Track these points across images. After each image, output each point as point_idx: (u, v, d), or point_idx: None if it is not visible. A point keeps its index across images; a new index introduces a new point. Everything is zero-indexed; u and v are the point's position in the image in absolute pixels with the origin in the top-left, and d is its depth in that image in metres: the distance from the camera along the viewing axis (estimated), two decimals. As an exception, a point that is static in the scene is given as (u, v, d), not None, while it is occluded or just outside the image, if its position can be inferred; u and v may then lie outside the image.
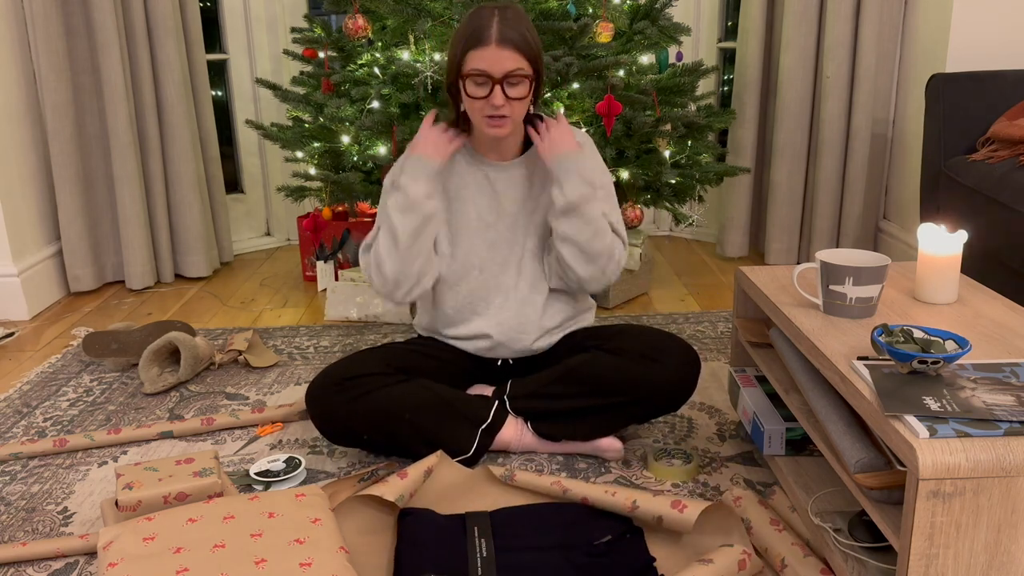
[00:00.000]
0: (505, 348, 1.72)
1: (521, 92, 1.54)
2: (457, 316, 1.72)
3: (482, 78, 1.52)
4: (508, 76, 1.51)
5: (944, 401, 1.06)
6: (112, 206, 2.84)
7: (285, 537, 1.23)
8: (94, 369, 2.19)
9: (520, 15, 1.55)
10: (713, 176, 2.55)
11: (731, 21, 3.22)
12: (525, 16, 1.56)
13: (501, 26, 1.51)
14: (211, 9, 3.15)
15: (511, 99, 1.53)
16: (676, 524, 1.33)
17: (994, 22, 2.49)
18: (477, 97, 1.54)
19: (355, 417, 1.57)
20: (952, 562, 1.02)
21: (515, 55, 1.51)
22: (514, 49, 1.51)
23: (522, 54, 1.52)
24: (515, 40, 1.51)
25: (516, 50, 1.51)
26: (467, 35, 1.53)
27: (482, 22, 1.52)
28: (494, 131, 1.57)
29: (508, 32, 1.50)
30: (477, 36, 1.51)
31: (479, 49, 1.51)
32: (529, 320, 1.71)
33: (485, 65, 1.51)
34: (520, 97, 1.54)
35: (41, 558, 1.40)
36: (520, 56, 1.51)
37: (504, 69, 1.51)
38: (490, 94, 1.52)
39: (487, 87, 1.52)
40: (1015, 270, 1.93)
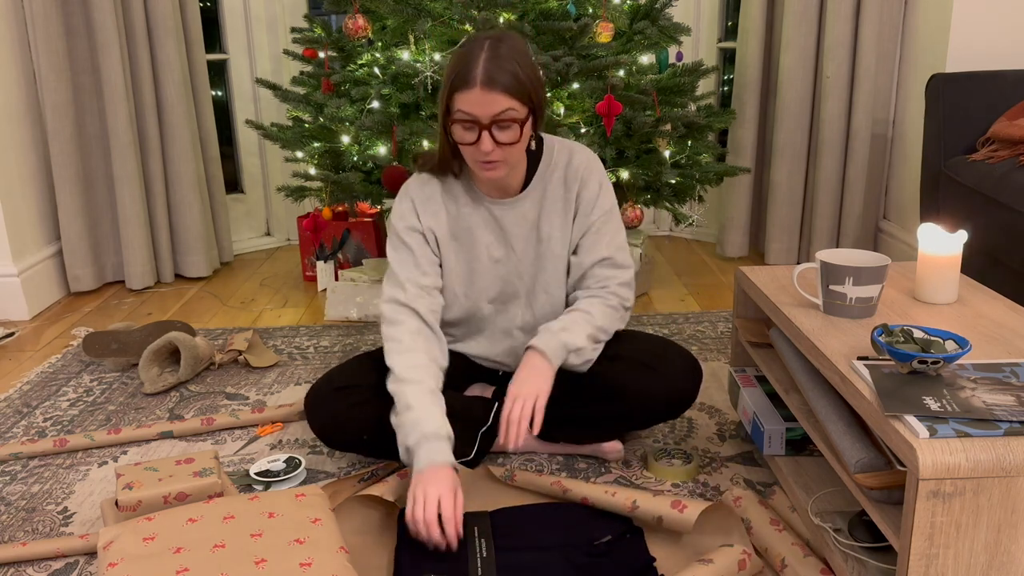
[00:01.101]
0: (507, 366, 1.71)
1: (512, 136, 1.41)
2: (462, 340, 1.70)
3: (469, 122, 1.40)
4: (496, 120, 1.39)
5: (944, 401, 1.06)
6: (112, 206, 2.84)
7: (285, 537, 1.23)
8: (94, 369, 2.19)
9: (514, 47, 1.41)
10: (713, 176, 2.55)
11: (731, 21, 3.22)
12: (520, 47, 1.43)
13: (488, 65, 1.37)
14: (211, 9, 3.15)
15: (501, 144, 1.41)
16: (676, 524, 1.33)
17: (994, 22, 2.49)
18: (465, 143, 1.43)
19: (355, 422, 1.56)
20: (952, 562, 1.02)
21: (503, 97, 1.37)
22: (502, 91, 1.37)
23: (511, 94, 1.38)
24: (503, 81, 1.37)
25: (504, 91, 1.37)
26: (454, 74, 1.40)
27: (469, 61, 1.39)
28: (488, 175, 1.47)
29: (495, 72, 1.37)
30: (463, 76, 1.38)
31: (464, 91, 1.38)
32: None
33: (471, 108, 1.38)
34: (511, 141, 1.42)
35: (41, 558, 1.40)
36: (509, 97, 1.38)
37: (491, 113, 1.38)
38: (478, 140, 1.40)
39: (475, 132, 1.40)
40: (1015, 270, 1.93)
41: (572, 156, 1.58)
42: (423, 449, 1.36)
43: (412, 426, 1.39)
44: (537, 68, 1.45)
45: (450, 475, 1.34)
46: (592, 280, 1.59)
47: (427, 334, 1.52)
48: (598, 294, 1.58)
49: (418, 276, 1.55)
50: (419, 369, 1.46)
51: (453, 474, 1.35)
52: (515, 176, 1.56)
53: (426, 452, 1.35)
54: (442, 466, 1.34)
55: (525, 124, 1.43)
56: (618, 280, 1.59)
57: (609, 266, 1.59)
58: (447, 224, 1.58)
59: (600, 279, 1.59)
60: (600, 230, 1.58)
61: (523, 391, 1.45)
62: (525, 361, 1.49)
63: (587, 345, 1.52)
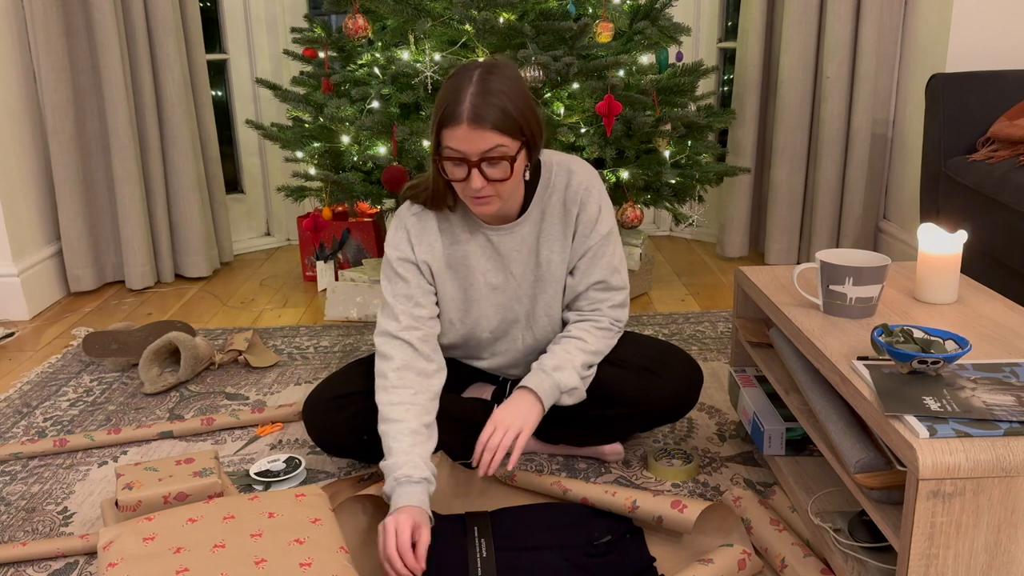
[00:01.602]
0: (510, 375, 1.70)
1: (502, 172, 1.36)
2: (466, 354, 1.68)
3: (458, 160, 1.36)
4: (485, 157, 1.34)
5: (944, 401, 1.06)
6: (112, 206, 2.84)
7: (285, 537, 1.23)
8: (94, 369, 2.19)
9: (504, 78, 1.36)
10: (713, 176, 2.55)
11: (731, 21, 3.22)
12: (511, 77, 1.37)
13: (476, 100, 1.32)
14: (211, 9, 3.15)
15: (492, 180, 1.37)
16: (676, 524, 1.33)
17: (994, 22, 2.49)
18: (456, 180, 1.39)
19: (354, 432, 1.55)
20: (952, 562, 1.02)
21: (491, 134, 1.32)
22: (490, 128, 1.32)
23: (500, 131, 1.33)
24: (491, 117, 1.32)
25: (493, 128, 1.32)
26: (442, 109, 1.35)
27: (457, 94, 1.33)
28: (480, 210, 1.43)
29: (483, 108, 1.31)
30: (450, 112, 1.33)
31: (451, 128, 1.33)
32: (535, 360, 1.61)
33: (459, 145, 1.34)
34: (502, 178, 1.37)
35: (41, 558, 1.40)
36: (498, 134, 1.33)
37: (479, 150, 1.33)
38: (468, 177, 1.36)
39: (464, 168, 1.36)
40: (1015, 270, 1.93)
41: (571, 177, 1.53)
42: (396, 494, 1.33)
43: (389, 471, 1.36)
44: (530, 97, 1.40)
45: (415, 515, 1.30)
46: (586, 302, 1.56)
47: (418, 366, 1.47)
48: (590, 317, 1.55)
49: (411, 307, 1.51)
50: (401, 407, 1.42)
51: (420, 514, 1.31)
52: (512, 204, 1.51)
53: (398, 497, 1.33)
54: (412, 508, 1.31)
55: (516, 159, 1.37)
56: (611, 303, 1.55)
57: (603, 289, 1.55)
58: (442, 255, 1.54)
59: (593, 301, 1.55)
60: (597, 254, 1.54)
61: (506, 421, 1.41)
62: (515, 396, 1.45)
63: (580, 385, 1.49)
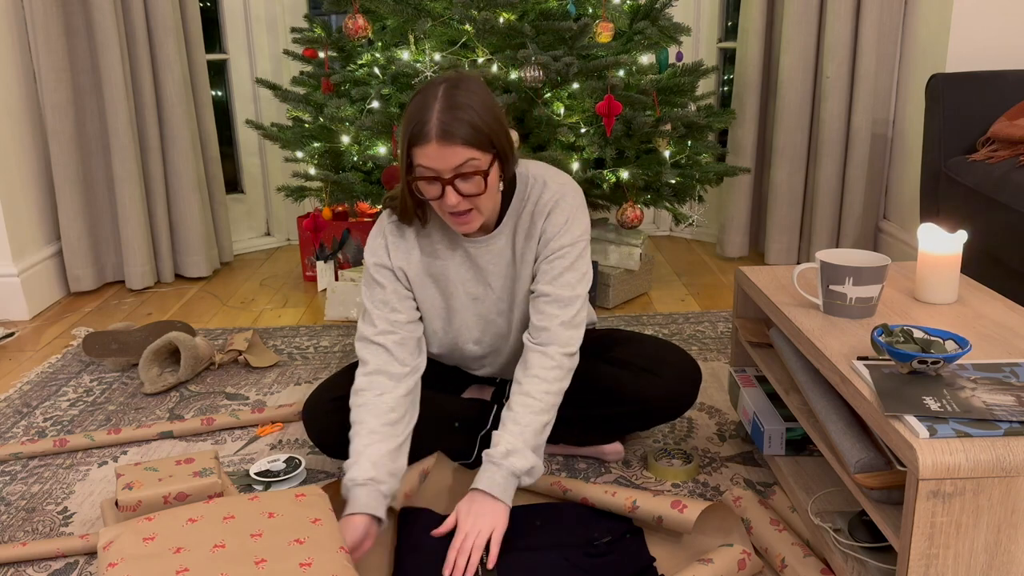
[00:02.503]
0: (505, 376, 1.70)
1: (476, 187, 1.35)
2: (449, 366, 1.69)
3: (431, 178, 1.34)
4: (458, 173, 1.33)
5: (944, 401, 1.06)
6: (112, 206, 2.84)
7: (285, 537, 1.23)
8: (94, 369, 2.19)
9: (470, 92, 1.34)
10: (713, 176, 2.55)
11: (731, 21, 3.22)
12: (477, 90, 1.36)
13: (442, 116, 1.30)
14: (211, 9, 3.15)
15: (467, 196, 1.36)
16: (676, 524, 1.33)
17: (994, 22, 2.49)
18: (431, 198, 1.38)
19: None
20: (952, 562, 1.02)
21: (461, 149, 1.31)
22: (460, 143, 1.30)
23: (470, 145, 1.31)
24: (460, 132, 1.30)
25: (462, 143, 1.31)
26: (410, 127, 1.34)
27: (424, 112, 1.32)
28: (462, 228, 1.41)
29: (450, 124, 1.30)
30: (418, 130, 1.32)
31: (420, 146, 1.32)
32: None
33: (430, 163, 1.32)
34: (476, 192, 1.35)
35: (41, 558, 1.40)
36: (468, 148, 1.31)
37: (451, 166, 1.32)
38: (443, 194, 1.34)
39: (438, 186, 1.34)
40: (1015, 270, 1.93)
41: (544, 189, 1.49)
42: (348, 499, 1.36)
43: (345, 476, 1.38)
44: (499, 109, 1.38)
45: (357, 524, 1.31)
46: (536, 315, 1.47)
47: (391, 370, 1.46)
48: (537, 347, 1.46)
49: (387, 312, 1.49)
50: (363, 409, 1.42)
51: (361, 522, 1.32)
52: (490, 217, 1.49)
53: (349, 503, 1.35)
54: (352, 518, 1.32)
55: (489, 172, 1.36)
56: (560, 319, 1.45)
57: (552, 303, 1.46)
58: (420, 264, 1.52)
59: (543, 315, 1.46)
60: (553, 263, 1.47)
61: (476, 526, 1.33)
62: (473, 498, 1.36)
63: (536, 463, 1.40)
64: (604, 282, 2.56)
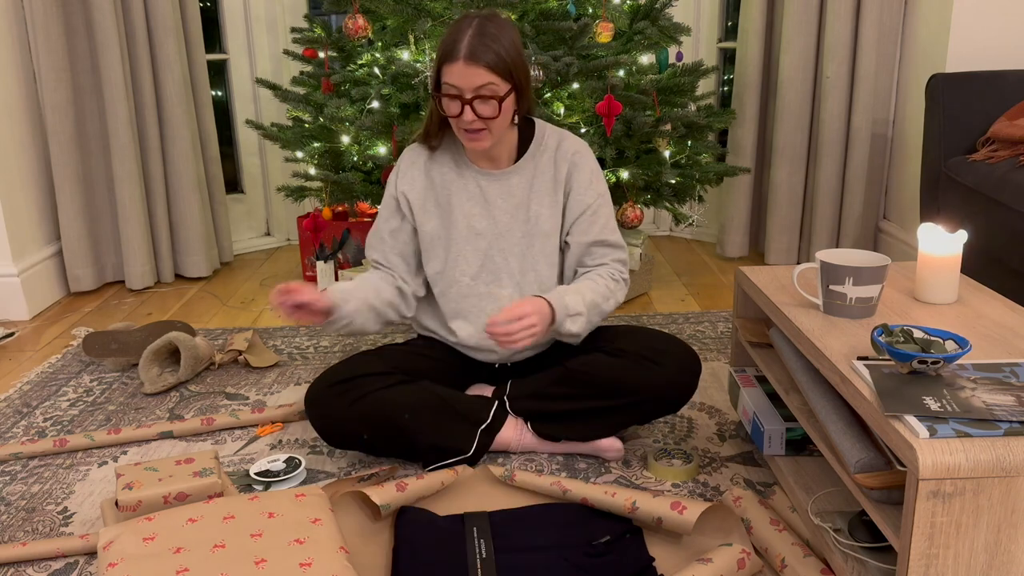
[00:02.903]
0: (503, 357, 1.72)
1: (491, 110, 1.50)
2: (451, 322, 1.71)
3: (453, 95, 1.50)
4: (477, 94, 1.49)
5: (944, 401, 1.06)
6: (112, 206, 2.84)
7: (285, 537, 1.23)
8: (94, 369, 2.19)
9: (501, 27, 1.50)
10: (713, 176, 2.55)
11: (731, 21, 3.22)
12: (507, 28, 1.51)
13: (473, 41, 1.47)
14: (211, 9, 3.15)
15: (482, 117, 1.51)
16: (676, 525, 1.33)
17: (994, 22, 2.49)
18: (450, 115, 1.53)
19: (354, 419, 1.57)
20: (952, 562, 1.02)
21: (484, 72, 1.47)
22: (484, 66, 1.47)
23: (493, 70, 1.47)
24: (485, 57, 1.46)
25: (486, 67, 1.47)
26: (443, 47, 1.50)
27: (457, 35, 1.48)
28: (472, 144, 1.56)
29: (479, 48, 1.46)
30: (449, 50, 1.48)
31: (449, 64, 1.48)
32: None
33: (455, 80, 1.49)
34: (492, 115, 1.51)
35: (41, 558, 1.40)
36: (490, 72, 1.47)
37: (472, 86, 1.48)
38: (461, 112, 1.50)
39: (458, 104, 1.50)
40: (1015, 270, 1.93)
41: (562, 140, 1.67)
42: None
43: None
44: (522, 49, 1.54)
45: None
46: (590, 258, 1.67)
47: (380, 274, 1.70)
48: (597, 270, 1.66)
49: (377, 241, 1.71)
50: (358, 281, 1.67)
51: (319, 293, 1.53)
52: (503, 149, 1.64)
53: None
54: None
55: (505, 100, 1.51)
56: (613, 256, 1.68)
57: (605, 245, 1.67)
58: (423, 190, 1.66)
59: (597, 256, 1.67)
60: (597, 212, 1.65)
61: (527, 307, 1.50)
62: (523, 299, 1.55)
63: (584, 311, 1.57)
64: (604, 282, 2.55)
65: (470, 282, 1.67)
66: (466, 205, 1.65)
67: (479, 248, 1.65)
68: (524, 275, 1.67)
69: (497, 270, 1.66)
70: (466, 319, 1.70)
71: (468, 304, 1.68)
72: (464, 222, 1.65)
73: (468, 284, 1.67)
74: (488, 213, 1.64)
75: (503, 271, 1.66)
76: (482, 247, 1.65)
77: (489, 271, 1.66)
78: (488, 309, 1.68)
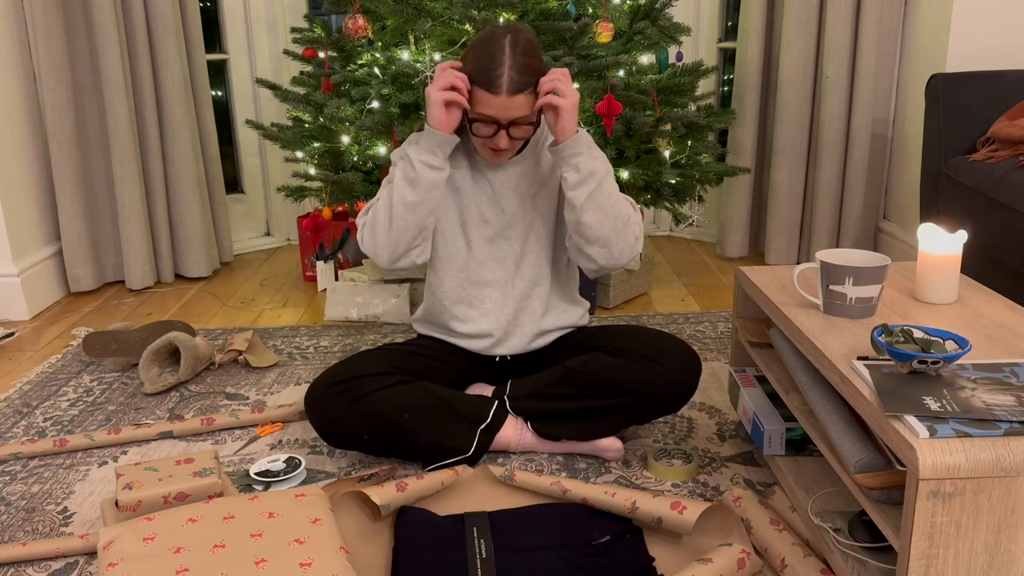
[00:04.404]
0: (501, 345, 1.72)
1: (525, 133, 1.56)
2: (454, 308, 1.72)
3: (488, 121, 1.53)
4: (514, 121, 1.53)
5: (944, 401, 1.06)
6: (112, 206, 2.84)
7: (285, 537, 1.23)
8: (94, 369, 2.19)
9: (531, 44, 1.52)
10: (713, 176, 2.55)
11: (731, 21, 3.22)
12: (533, 42, 1.54)
13: (513, 74, 1.48)
14: (211, 9, 3.15)
15: (514, 139, 1.55)
16: (676, 526, 1.33)
17: (994, 22, 2.49)
18: (481, 136, 1.56)
19: (354, 419, 1.57)
20: (952, 562, 1.02)
21: (523, 102, 1.51)
22: (523, 93, 1.50)
23: (531, 94, 1.51)
24: (525, 89, 1.50)
25: (526, 98, 1.51)
26: (479, 70, 1.50)
27: (494, 61, 1.48)
28: (493, 159, 1.61)
29: (518, 82, 1.48)
30: (488, 79, 1.48)
31: (489, 94, 1.49)
32: (525, 318, 1.71)
33: (493, 112, 1.51)
34: (524, 137, 1.57)
35: (41, 558, 1.40)
36: (530, 99, 1.51)
37: (511, 117, 1.52)
38: (494, 135, 1.54)
39: (492, 129, 1.53)
40: (1015, 270, 1.93)
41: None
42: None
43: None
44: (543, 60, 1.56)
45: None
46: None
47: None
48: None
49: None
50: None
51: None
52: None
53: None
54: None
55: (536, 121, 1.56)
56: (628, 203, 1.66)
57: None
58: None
59: None
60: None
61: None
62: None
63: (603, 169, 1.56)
64: (604, 282, 2.56)
65: (477, 268, 1.70)
66: (474, 194, 1.67)
67: (486, 235, 1.69)
68: (523, 263, 1.70)
69: (503, 257, 1.70)
70: (470, 305, 1.72)
71: (473, 290, 1.71)
72: (474, 210, 1.67)
73: (475, 270, 1.70)
74: (495, 203, 1.67)
75: (509, 257, 1.70)
76: (488, 234, 1.69)
77: (495, 257, 1.70)
78: (492, 296, 1.70)
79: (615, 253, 1.59)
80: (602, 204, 1.56)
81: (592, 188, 1.54)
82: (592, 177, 1.55)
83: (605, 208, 1.56)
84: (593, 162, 1.55)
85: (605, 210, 1.56)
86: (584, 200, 1.55)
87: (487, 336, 1.72)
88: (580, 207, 1.55)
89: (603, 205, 1.56)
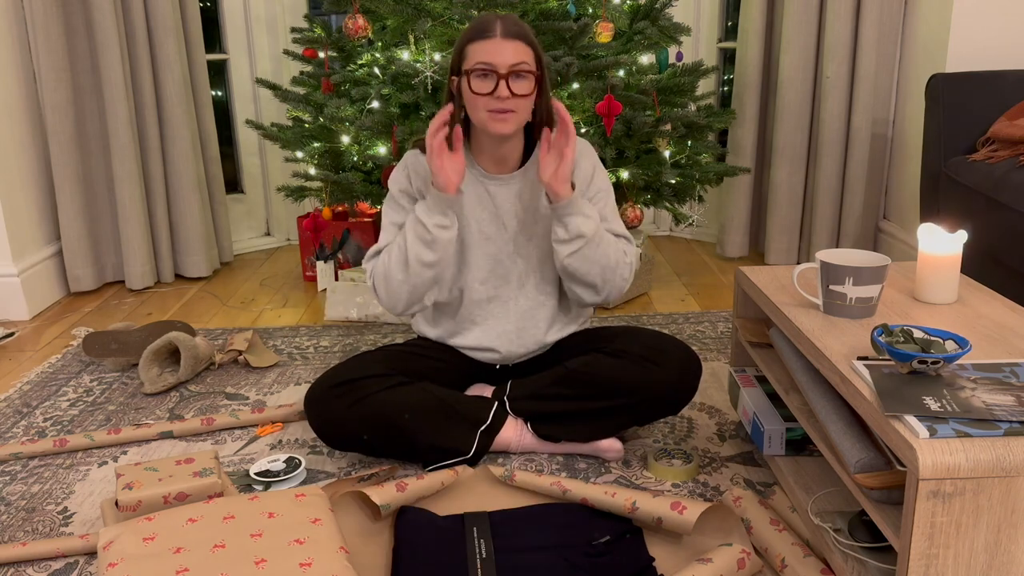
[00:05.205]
0: (504, 358, 1.72)
1: (526, 88, 1.51)
2: (457, 326, 1.72)
3: (487, 71, 1.49)
4: (513, 70, 1.49)
5: (944, 401, 1.06)
6: (112, 206, 2.84)
7: (285, 537, 1.23)
8: (94, 369, 2.19)
9: (522, 22, 1.55)
10: (713, 176, 2.55)
11: (731, 21, 3.22)
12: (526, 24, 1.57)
13: (506, 22, 1.51)
14: (211, 9, 3.15)
15: (516, 95, 1.50)
16: (676, 526, 1.33)
17: (994, 22, 2.49)
18: (481, 93, 1.50)
19: (355, 420, 1.57)
20: (952, 562, 1.02)
21: (521, 47, 1.50)
22: (520, 40, 1.50)
23: (528, 46, 1.51)
24: (520, 34, 1.51)
25: (522, 42, 1.50)
26: (471, 31, 1.52)
27: (486, 22, 1.52)
28: (497, 126, 1.52)
29: (513, 27, 1.51)
30: (481, 30, 1.50)
31: (484, 41, 1.49)
32: (529, 333, 1.71)
33: (490, 57, 1.49)
34: (526, 93, 1.51)
35: (41, 558, 1.40)
36: (526, 48, 1.51)
37: (509, 62, 1.49)
38: (495, 88, 1.49)
39: (492, 80, 1.49)
40: (1015, 270, 1.93)
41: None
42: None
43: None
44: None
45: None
46: None
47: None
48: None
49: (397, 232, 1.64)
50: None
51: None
52: (513, 149, 1.63)
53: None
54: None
55: (535, 84, 1.53)
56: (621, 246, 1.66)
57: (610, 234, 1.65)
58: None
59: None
60: (597, 204, 1.65)
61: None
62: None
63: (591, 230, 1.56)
64: (604, 282, 2.55)
65: (479, 287, 1.67)
66: (475, 210, 1.64)
67: (488, 252, 1.66)
68: (526, 279, 1.68)
69: (506, 273, 1.67)
70: (475, 322, 1.70)
71: (478, 309, 1.69)
72: (475, 227, 1.65)
73: (478, 289, 1.67)
74: (496, 218, 1.65)
75: (512, 274, 1.67)
76: (491, 252, 1.66)
77: (498, 275, 1.67)
78: (496, 312, 1.68)
79: (602, 294, 1.65)
80: (589, 256, 1.59)
81: (580, 246, 1.57)
82: (580, 238, 1.57)
83: (592, 259, 1.59)
84: (585, 223, 1.55)
85: (592, 261, 1.59)
86: (569, 255, 1.58)
87: (490, 351, 1.71)
88: (564, 260, 1.59)
89: (590, 257, 1.59)
